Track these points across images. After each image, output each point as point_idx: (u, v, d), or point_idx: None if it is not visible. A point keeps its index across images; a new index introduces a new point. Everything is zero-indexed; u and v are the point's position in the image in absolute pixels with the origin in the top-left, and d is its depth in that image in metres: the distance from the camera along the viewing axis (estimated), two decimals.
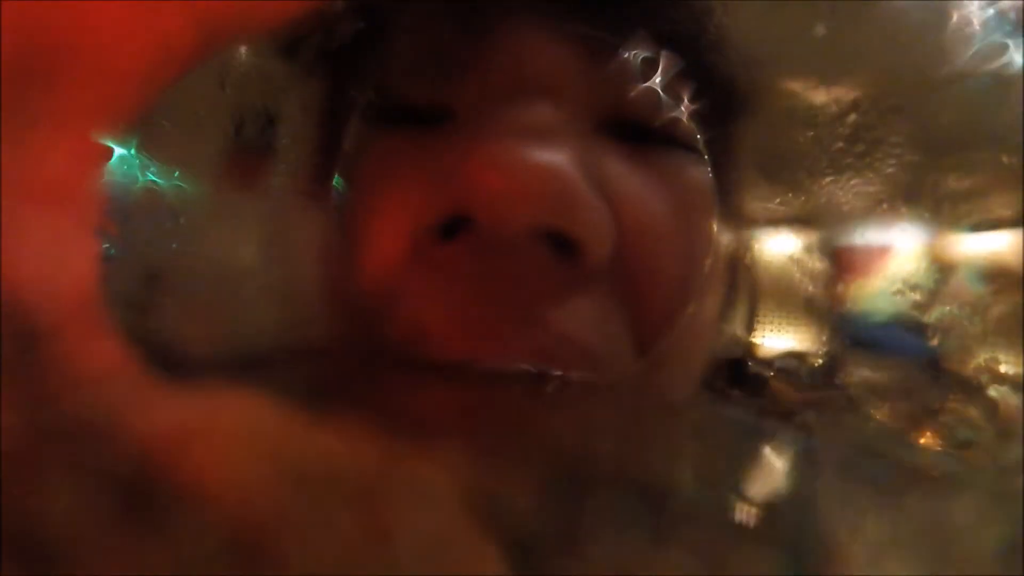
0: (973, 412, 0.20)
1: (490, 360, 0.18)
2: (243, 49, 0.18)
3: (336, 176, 0.20)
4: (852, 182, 0.20)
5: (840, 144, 0.20)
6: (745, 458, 0.20)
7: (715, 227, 0.20)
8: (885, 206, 0.20)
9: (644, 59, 0.19)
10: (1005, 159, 0.19)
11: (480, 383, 0.18)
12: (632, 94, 0.19)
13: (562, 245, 0.18)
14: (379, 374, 0.19)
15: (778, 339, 0.21)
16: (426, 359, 0.18)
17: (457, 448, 0.18)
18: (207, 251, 0.19)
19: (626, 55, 0.19)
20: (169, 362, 0.16)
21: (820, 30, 0.19)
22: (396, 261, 0.19)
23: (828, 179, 0.20)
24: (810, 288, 0.21)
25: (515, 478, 0.19)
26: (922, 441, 0.20)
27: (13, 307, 0.13)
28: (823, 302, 0.21)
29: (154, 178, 0.18)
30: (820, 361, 0.20)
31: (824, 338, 0.20)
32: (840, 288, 0.21)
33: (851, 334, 0.20)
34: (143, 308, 0.18)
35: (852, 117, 0.20)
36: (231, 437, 0.14)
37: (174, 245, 0.19)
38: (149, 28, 0.13)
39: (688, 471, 0.20)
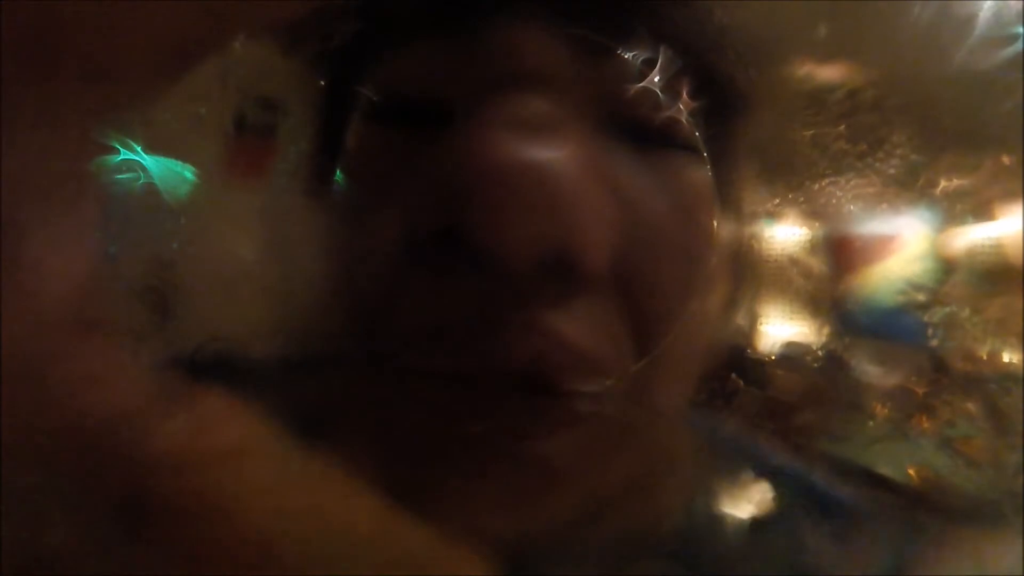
0: (973, 407, 0.20)
1: (488, 365, 0.18)
2: (245, 46, 0.18)
3: (338, 173, 0.20)
4: (852, 181, 0.20)
5: (841, 142, 0.20)
6: (734, 480, 0.20)
7: (715, 226, 0.20)
8: (886, 204, 0.20)
9: (643, 59, 0.19)
10: (1006, 159, 0.19)
11: (477, 388, 0.18)
12: (631, 93, 0.19)
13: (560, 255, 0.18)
14: (377, 379, 0.19)
15: (780, 329, 0.21)
16: (423, 364, 0.18)
17: (455, 452, 0.18)
18: (209, 250, 0.19)
19: (625, 55, 0.19)
20: (172, 364, 0.16)
21: (822, 29, 0.19)
22: (392, 264, 0.19)
23: (828, 177, 0.20)
24: (811, 280, 0.21)
25: (513, 483, 0.19)
26: (922, 426, 0.20)
27: (14, 307, 0.13)
28: (825, 294, 0.21)
29: (155, 178, 0.18)
30: (821, 352, 0.20)
31: (826, 329, 0.20)
32: (841, 281, 0.21)
33: (852, 326, 0.20)
34: (144, 308, 0.18)
35: (853, 115, 0.20)
36: (229, 459, 0.14)
37: (175, 245, 0.19)
38: (158, 21, 0.13)
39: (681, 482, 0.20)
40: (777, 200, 0.21)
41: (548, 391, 0.19)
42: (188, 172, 0.19)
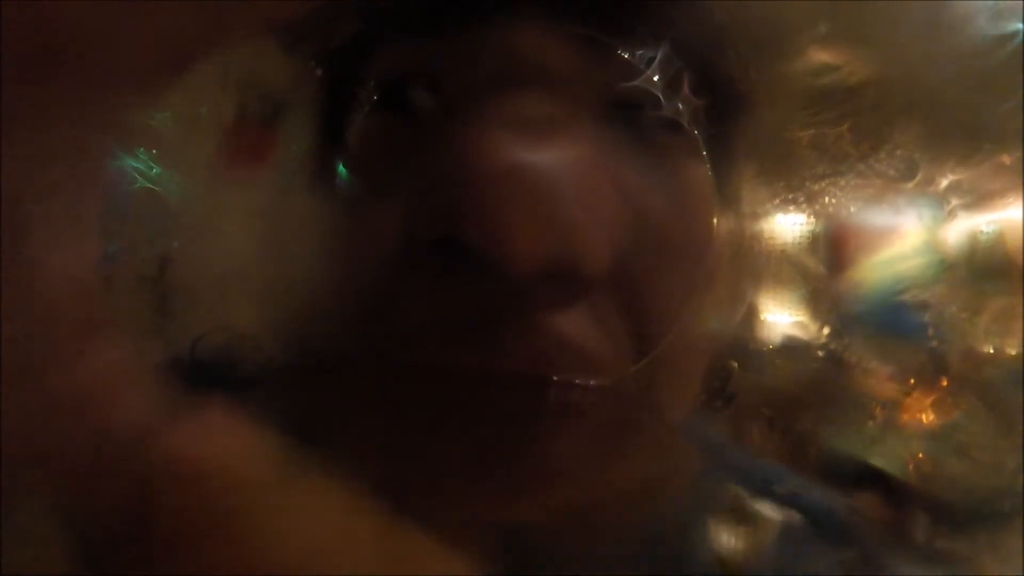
0: (973, 405, 0.20)
1: (488, 365, 0.18)
2: (245, 46, 0.18)
3: (340, 170, 0.20)
4: (852, 180, 0.20)
5: (842, 142, 0.20)
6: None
7: (715, 225, 0.20)
8: (886, 203, 0.20)
9: (643, 58, 0.19)
10: (1006, 158, 0.19)
11: (479, 387, 0.18)
12: (632, 93, 0.19)
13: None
14: (377, 378, 0.19)
15: (780, 327, 0.21)
16: (423, 363, 0.18)
17: (455, 450, 0.18)
18: (209, 250, 0.19)
19: (625, 54, 0.19)
20: (173, 364, 0.16)
21: (821, 28, 0.19)
22: (393, 265, 0.19)
23: (828, 176, 0.20)
24: (811, 279, 0.21)
25: (513, 481, 0.19)
26: (922, 424, 0.20)
27: (14, 307, 0.13)
28: (824, 292, 0.21)
29: (154, 178, 0.18)
30: (822, 351, 0.20)
31: (826, 328, 0.20)
32: (841, 278, 0.21)
33: (852, 323, 0.20)
34: (144, 307, 0.18)
35: (854, 115, 0.20)
36: (230, 470, 0.14)
37: (175, 244, 0.19)
38: (158, 21, 0.13)
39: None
40: (777, 199, 0.21)
41: (549, 390, 0.19)
42: (188, 172, 0.19)
